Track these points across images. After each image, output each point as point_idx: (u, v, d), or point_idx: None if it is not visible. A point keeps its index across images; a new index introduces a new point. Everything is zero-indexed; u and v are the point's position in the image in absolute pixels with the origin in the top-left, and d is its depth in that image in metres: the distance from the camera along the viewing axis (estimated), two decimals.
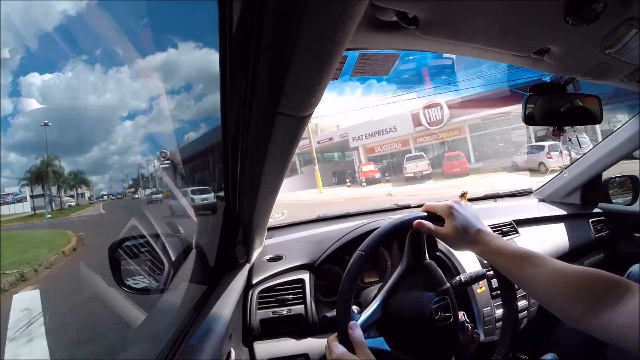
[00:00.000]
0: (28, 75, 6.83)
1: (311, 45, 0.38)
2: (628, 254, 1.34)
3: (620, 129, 1.31)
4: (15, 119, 6.18)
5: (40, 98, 6.43)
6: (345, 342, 0.57)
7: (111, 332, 1.59)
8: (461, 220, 0.61)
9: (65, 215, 5.77)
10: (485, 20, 0.56)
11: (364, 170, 14.84)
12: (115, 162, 6.19)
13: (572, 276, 0.50)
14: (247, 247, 0.90)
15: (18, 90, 7.08)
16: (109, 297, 1.00)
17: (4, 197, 5.36)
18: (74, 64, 10.08)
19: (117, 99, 4.96)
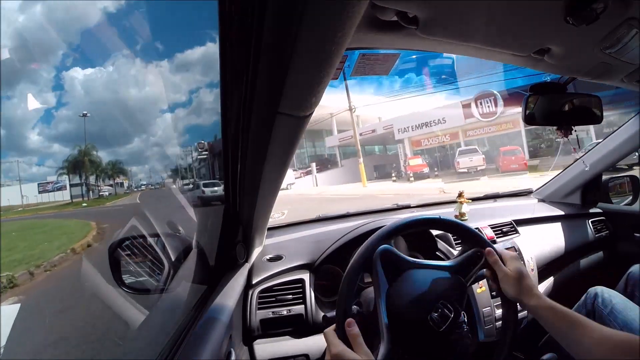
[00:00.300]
0: (71, 70, 7.12)
1: (311, 45, 0.38)
2: (628, 254, 1.34)
3: (620, 129, 1.31)
4: (59, 112, 6.37)
5: (83, 92, 6.68)
6: (343, 337, 0.57)
7: (109, 338, 1.56)
8: (522, 270, 0.64)
9: (100, 204, 5.66)
10: (485, 20, 0.55)
11: (411, 164, 13.84)
12: (155, 153, 6.31)
13: (619, 343, 0.51)
14: (247, 247, 0.90)
15: (61, 84, 7.39)
16: (109, 300, 1.00)
17: (44, 185, 5.42)
18: (115, 59, 10.37)
19: (157, 92, 5.04)
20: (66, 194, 5.24)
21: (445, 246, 1.05)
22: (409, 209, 1.46)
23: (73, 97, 7.20)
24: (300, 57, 0.39)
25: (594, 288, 0.95)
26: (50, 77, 7.54)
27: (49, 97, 6.53)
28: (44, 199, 5.27)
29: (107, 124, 4.88)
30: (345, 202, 8.61)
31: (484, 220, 1.20)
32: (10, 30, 6.75)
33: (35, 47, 6.69)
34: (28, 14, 7.85)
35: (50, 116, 6.15)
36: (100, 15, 11.08)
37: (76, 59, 7.43)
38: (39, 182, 5.29)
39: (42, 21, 8.46)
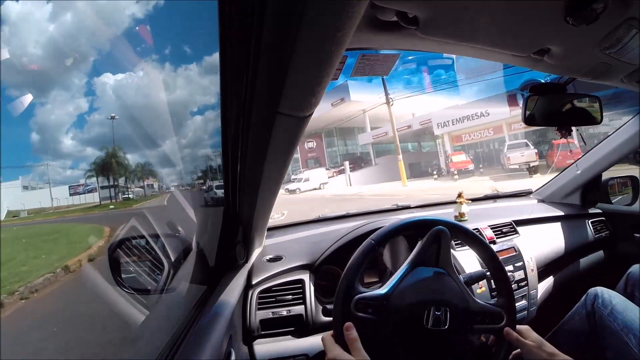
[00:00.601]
0: (102, 76, 7.24)
1: (311, 45, 0.38)
2: (628, 254, 1.34)
3: (620, 129, 1.31)
4: (91, 116, 6.44)
5: (114, 97, 6.78)
6: (340, 341, 0.58)
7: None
8: (541, 339, 0.68)
9: (127, 206, 5.50)
10: (485, 20, 0.55)
11: (454, 161, 12.97)
12: (186, 155, 6.24)
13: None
14: (247, 247, 0.90)
15: (93, 90, 7.52)
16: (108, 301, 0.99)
17: (75, 187, 5.44)
18: (145, 64, 10.45)
19: (186, 95, 5.11)
20: (97, 196, 5.27)
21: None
22: (409, 209, 1.46)
23: (105, 102, 7.42)
24: (300, 57, 0.39)
25: (593, 289, 0.95)
26: (82, 83, 7.77)
27: (81, 103, 6.73)
28: (75, 201, 5.30)
29: (138, 127, 4.96)
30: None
31: (483, 221, 1.20)
32: (42, 39, 7.00)
33: (66, 54, 6.84)
34: (59, 23, 8.04)
35: (83, 121, 6.33)
36: (129, 21, 11.24)
37: (107, 65, 7.62)
38: (70, 185, 5.34)
39: (73, 29, 8.60)
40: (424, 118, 14.99)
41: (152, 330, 0.94)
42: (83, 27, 7.02)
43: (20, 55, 6.30)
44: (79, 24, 6.79)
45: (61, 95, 6.90)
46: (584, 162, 1.43)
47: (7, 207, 4.48)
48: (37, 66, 5.08)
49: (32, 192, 5.20)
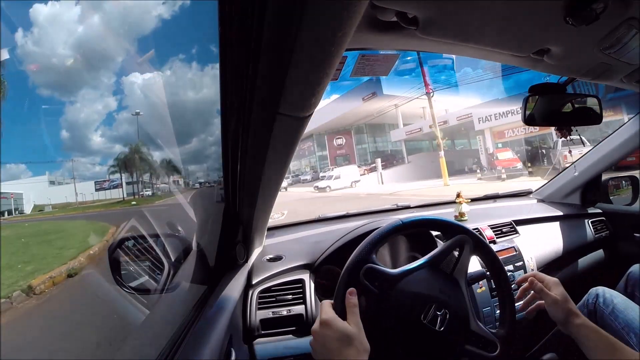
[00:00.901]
0: (130, 76, 7.30)
1: (311, 46, 0.38)
2: (628, 254, 1.34)
3: (620, 129, 1.31)
4: (120, 115, 6.47)
5: (142, 95, 6.79)
6: (339, 308, 0.58)
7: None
8: (566, 294, 0.68)
9: (150, 202, 5.34)
10: (485, 21, 0.55)
11: (500, 158, 11.85)
12: (213, 152, 6.26)
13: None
14: (247, 247, 0.90)
15: (121, 89, 7.62)
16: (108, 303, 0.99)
17: (101, 183, 5.41)
18: (172, 63, 10.51)
19: (213, 94, 5.19)
20: (122, 192, 5.27)
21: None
22: (409, 209, 1.46)
23: (133, 101, 7.49)
24: (300, 58, 0.39)
25: (595, 288, 0.95)
26: (111, 83, 7.88)
27: (110, 101, 6.79)
28: (101, 197, 5.29)
29: (165, 125, 5.01)
30: None
31: (483, 221, 1.20)
32: (71, 41, 7.13)
33: (95, 55, 6.86)
34: (87, 24, 8.18)
35: (112, 119, 6.40)
36: (156, 21, 11.23)
37: (134, 64, 7.73)
38: (96, 180, 5.32)
39: (101, 30, 8.72)
40: (461, 113, 14.10)
41: (152, 330, 0.94)
42: (110, 28, 7.13)
43: (50, 56, 6.29)
44: (107, 25, 6.90)
45: (90, 94, 6.89)
46: (583, 162, 1.43)
47: (33, 202, 4.44)
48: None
49: (58, 187, 5.21)
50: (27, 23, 6.04)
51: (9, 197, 3.98)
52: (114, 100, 5.72)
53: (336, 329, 0.55)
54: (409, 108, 14.96)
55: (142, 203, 5.21)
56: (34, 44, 6.17)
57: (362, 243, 0.66)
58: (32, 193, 4.51)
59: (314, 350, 0.57)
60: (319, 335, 0.56)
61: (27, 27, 5.90)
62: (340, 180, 15.49)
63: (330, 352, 0.54)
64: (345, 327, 0.55)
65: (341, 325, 0.55)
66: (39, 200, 4.59)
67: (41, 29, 6.73)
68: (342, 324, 0.55)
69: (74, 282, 2.74)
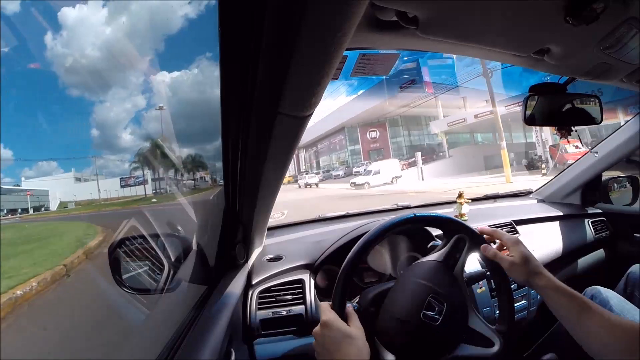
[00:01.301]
0: (158, 75, 7.46)
1: (311, 45, 0.38)
2: (628, 254, 1.34)
3: (621, 129, 1.31)
4: (148, 113, 6.52)
5: (171, 93, 6.93)
6: (337, 308, 0.59)
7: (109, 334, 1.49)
8: (527, 253, 0.64)
9: (172, 200, 5.14)
10: (485, 20, 0.55)
11: (569, 152, 10.50)
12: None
13: (629, 331, 0.51)
14: (247, 247, 0.90)
15: (150, 87, 7.76)
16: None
17: (126, 179, 5.36)
18: (199, 62, 10.66)
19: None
20: (148, 188, 5.20)
21: None
22: (409, 209, 1.46)
23: (161, 99, 7.60)
24: (301, 58, 0.39)
25: (591, 288, 0.95)
26: (140, 82, 8.01)
27: (139, 100, 6.81)
28: (126, 193, 5.25)
29: (193, 122, 5.04)
30: None
31: (483, 221, 1.20)
32: (99, 42, 7.21)
33: (123, 55, 6.94)
34: (114, 25, 8.27)
35: (141, 117, 6.40)
36: (182, 21, 11.33)
37: (162, 63, 7.81)
38: (121, 177, 5.27)
39: (128, 31, 8.77)
40: (510, 102, 12.44)
41: (152, 330, 0.94)
42: (136, 30, 7.27)
43: (80, 58, 6.36)
44: (132, 26, 7.00)
45: (119, 93, 6.95)
46: (583, 162, 1.43)
47: (59, 199, 4.42)
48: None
49: (84, 184, 5.20)
50: (56, 26, 6.14)
51: (25, 195, 3.94)
52: (143, 100, 5.72)
53: (337, 329, 0.55)
54: (446, 99, 13.93)
55: (162, 201, 5.05)
56: (64, 46, 6.27)
57: (373, 229, 0.66)
58: (58, 190, 4.50)
59: (316, 353, 0.57)
60: (320, 336, 0.56)
61: (56, 30, 5.99)
62: (380, 176, 13.91)
63: (332, 353, 0.54)
64: (346, 328, 0.55)
65: (341, 326, 0.55)
66: (65, 197, 4.56)
67: (70, 31, 6.81)
68: (342, 325, 0.55)
69: (74, 282, 2.71)
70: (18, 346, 1.37)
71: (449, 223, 0.71)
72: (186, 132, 2.97)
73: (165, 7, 11.11)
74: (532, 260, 0.63)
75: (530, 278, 0.62)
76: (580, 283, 1.08)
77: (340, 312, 0.58)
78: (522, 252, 0.64)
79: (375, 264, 1.05)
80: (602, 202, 1.48)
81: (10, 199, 3.77)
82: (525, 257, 0.63)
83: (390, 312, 0.65)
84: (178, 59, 12.30)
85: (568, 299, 0.58)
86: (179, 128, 5.02)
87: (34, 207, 3.97)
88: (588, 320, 0.54)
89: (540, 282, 0.61)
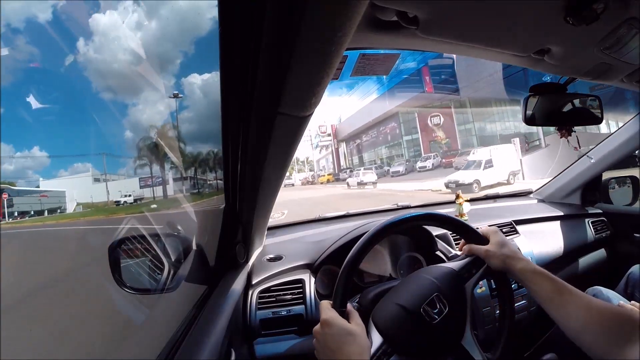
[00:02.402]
0: (189, 77, 7.60)
1: (311, 45, 0.38)
2: (628, 254, 1.34)
3: (621, 130, 1.31)
4: (180, 115, 6.50)
5: (202, 95, 6.98)
6: (338, 306, 0.59)
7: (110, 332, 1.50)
8: (503, 239, 0.66)
9: (192, 201, 4.59)
10: (485, 21, 0.55)
11: None
12: None
13: (607, 313, 0.52)
14: (247, 247, 0.90)
15: (181, 89, 7.92)
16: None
17: (145, 179, 5.13)
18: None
19: None
20: (169, 189, 4.97)
21: (444, 246, 1.05)
22: (409, 209, 1.46)
23: (193, 101, 7.68)
24: (301, 57, 0.39)
25: (592, 288, 0.95)
26: (171, 84, 8.16)
27: (170, 102, 6.87)
28: (146, 194, 5.03)
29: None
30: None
31: (484, 221, 1.20)
32: (131, 45, 7.33)
33: (155, 58, 7.00)
34: (145, 29, 8.38)
35: (173, 118, 6.47)
36: (210, 24, 11.40)
37: (192, 66, 7.94)
38: (140, 177, 5.02)
39: (159, 35, 8.86)
40: None
41: (152, 330, 0.94)
42: (167, 33, 7.37)
43: (111, 62, 6.34)
44: (162, 29, 7.08)
45: (152, 96, 6.91)
46: (583, 162, 1.43)
47: (76, 200, 4.17)
48: (37, 64, 5.04)
49: (103, 184, 4.96)
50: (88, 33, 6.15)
51: (38, 197, 3.70)
52: (174, 101, 5.63)
53: (337, 327, 0.55)
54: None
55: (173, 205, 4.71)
56: (96, 52, 6.29)
57: (376, 226, 0.66)
58: (76, 191, 4.27)
59: (317, 351, 0.57)
60: (321, 335, 0.56)
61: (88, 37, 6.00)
62: (494, 170, 9.77)
63: (332, 351, 0.54)
64: (347, 325, 0.55)
65: (342, 324, 0.55)
66: (81, 199, 4.27)
67: (101, 36, 6.83)
68: (343, 322, 0.55)
69: (74, 281, 2.69)
70: (18, 346, 1.38)
71: (450, 223, 0.71)
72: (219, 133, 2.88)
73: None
74: (507, 245, 0.64)
75: (508, 261, 0.63)
76: (580, 283, 1.08)
77: (341, 310, 0.58)
78: (498, 239, 0.65)
79: (376, 265, 1.05)
80: (602, 202, 1.48)
81: (23, 200, 3.55)
82: (501, 242, 0.64)
83: (394, 297, 0.65)
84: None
85: (548, 281, 0.58)
86: (212, 130, 4.85)
87: (49, 209, 3.77)
88: (567, 303, 0.55)
89: (518, 265, 0.62)
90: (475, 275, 0.67)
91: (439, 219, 0.71)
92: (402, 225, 0.68)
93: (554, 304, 0.57)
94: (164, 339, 0.61)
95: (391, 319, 0.62)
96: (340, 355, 0.52)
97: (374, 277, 1.03)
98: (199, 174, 4.99)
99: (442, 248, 1.04)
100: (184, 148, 5.03)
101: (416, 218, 0.70)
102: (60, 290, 2.52)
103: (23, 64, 4.85)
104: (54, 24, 6.00)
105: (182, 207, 3.14)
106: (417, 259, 1.05)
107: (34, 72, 4.82)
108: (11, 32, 4.47)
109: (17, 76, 4.57)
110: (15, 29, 4.98)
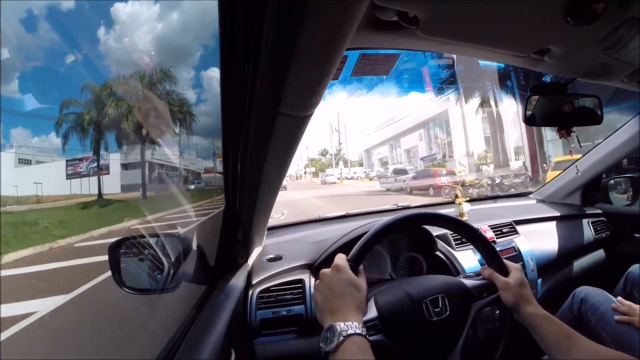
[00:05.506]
0: (209, 70, 7.71)
1: (312, 45, 0.38)
2: (628, 254, 1.34)
3: (621, 130, 1.31)
4: (198, 108, 6.47)
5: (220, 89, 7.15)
6: (353, 263, 0.60)
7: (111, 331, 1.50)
8: (525, 281, 0.65)
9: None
10: (485, 21, 0.55)
11: None
12: None
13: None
14: (247, 247, 0.90)
15: (200, 83, 7.97)
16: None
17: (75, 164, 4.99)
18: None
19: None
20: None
21: (444, 246, 1.05)
22: (409, 209, 1.46)
23: (212, 95, 7.71)
24: (301, 57, 0.39)
25: (580, 290, 0.94)
26: (190, 77, 8.18)
27: (190, 95, 6.82)
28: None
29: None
30: None
31: (484, 221, 1.20)
32: (149, 38, 7.28)
33: (176, 51, 7.03)
34: (166, 22, 8.48)
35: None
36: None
37: (212, 59, 8.09)
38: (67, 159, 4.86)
39: (179, 28, 8.88)
40: None
41: (152, 330, 0.94)
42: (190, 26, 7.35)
43: (131, 51, 6.30)
44: (185, 22, 7.06)
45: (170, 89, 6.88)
46: (584, 162, 1.43)
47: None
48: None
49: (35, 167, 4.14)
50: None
51: None
52: (194, 95, 5.51)
53: (347, 275, 0.56)
54: None
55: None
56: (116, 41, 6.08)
57: (386, 219, 0.67)
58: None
59: (315, 292, 0.58)
60: (328, 276, 0.57)
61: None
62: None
63: (334, 296, 0.54)
64: (355, 278, 0.57)
65: (352, 275, 0.57)
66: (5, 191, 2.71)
67: (123, 26, 6.68)
68: (353, 274, 0.57)
69: (74, 281, 2.68)
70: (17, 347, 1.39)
71: (471, 232, 0.72)
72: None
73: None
74: (526, 287, 0.64)
75: (520, 302, 0.63)
76: (579, 283, 1.08)
77: (354, 267, 0.59)
78: (519, 277, 0.65)
79: (376, 266, 1.05)
80: (602, 202, 1.48)
81: None
82: (521, 281, 0.64)
83: (404, 285, 0.66)
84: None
85: (557, 327, 0.59)
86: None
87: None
88: (576, 349, 0.55)
89: (528, 309, 0.62)
90: (485, 299, 0.67)
91: (479, 239, 0.71)
92: (440, 223, 0.71)
93: (562, 350, 0.56)
94: (164, 338, 0.61)
95: (393, 301, 0.63)
96: (341, 301, 0.53)
97: (373, 277, 1.03)
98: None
99: (442, 248, 1.04)
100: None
101: (469, 229, 0.71)
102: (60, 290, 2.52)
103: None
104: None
105: (181, 207, 3.10)
106: (417, 259, 1.05)
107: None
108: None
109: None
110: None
